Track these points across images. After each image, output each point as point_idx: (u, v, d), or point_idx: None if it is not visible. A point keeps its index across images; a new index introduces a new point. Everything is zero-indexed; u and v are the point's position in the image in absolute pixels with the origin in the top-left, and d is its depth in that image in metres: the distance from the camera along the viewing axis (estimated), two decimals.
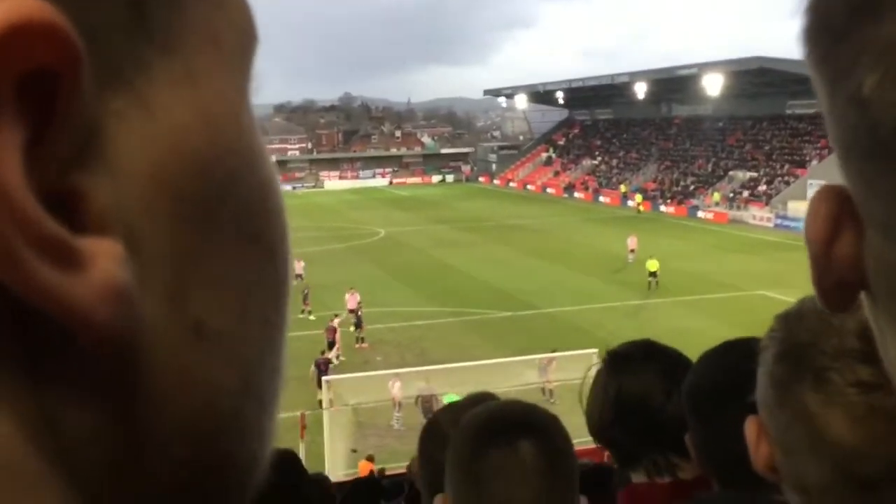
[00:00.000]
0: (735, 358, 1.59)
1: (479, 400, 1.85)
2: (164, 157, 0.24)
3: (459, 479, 1.27)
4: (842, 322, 0.79)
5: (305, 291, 27.33)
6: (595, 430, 1.73)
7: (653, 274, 29.30)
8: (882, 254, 0.31)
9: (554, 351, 19.43)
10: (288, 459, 2.20)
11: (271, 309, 0.29)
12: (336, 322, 22.80)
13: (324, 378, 18.41)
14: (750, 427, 0.87)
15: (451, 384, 17.40)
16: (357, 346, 23.40)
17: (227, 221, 0.26)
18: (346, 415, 16.80)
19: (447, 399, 16.69)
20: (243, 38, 0.28)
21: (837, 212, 0.33)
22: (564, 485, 1.27)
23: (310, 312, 26.50)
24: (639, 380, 1.70)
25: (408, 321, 26.13)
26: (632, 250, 35.20)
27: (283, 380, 0.31)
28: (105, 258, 0.22)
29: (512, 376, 18.94)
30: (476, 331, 25.02)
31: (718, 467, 1.36)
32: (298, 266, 30.57)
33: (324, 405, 17.56)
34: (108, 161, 0.23)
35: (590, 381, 1.83)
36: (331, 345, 22.02)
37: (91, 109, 0.22)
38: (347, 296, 24.94)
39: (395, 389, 17.26)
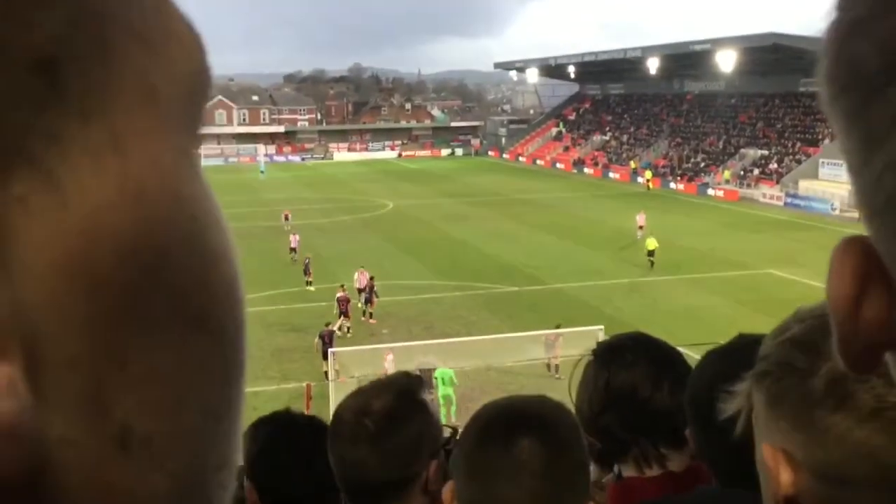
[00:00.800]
0: (738, 360, 1.59)
1: (389, 384, 1.76)
2: (79, 245, 0.21)
3: (462, 471, 1.28)
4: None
5: (307, 262, 27.44)
6: (584, 420, 1.73)
7: (651, 253, 29.21)
8: None
9: (558, 327, 19.47)
10: (317, 426, 2.24)
11: (216, 398, 0.26)
12: (344, 293, 22.92)
13: (329, 350, 18.52)
14: (768, 453, 0.80)
15: (458, 358, 17.48)
16: (363, 319, 23.46)
17: (159, 308, 0.23)
18: (351, 386, 16.87)
19: (437, 373, 16.82)
20: (190, 89, 0.25)
21: (866, 268, 0.30)
22: (566, 483, 1.27)
23: (310, 283, 26.66)
24: (628, 371, 1.71)
25: (415, 294, 26.19)
26: (640, 227, 35.11)
27: (232, 472, 0.28)
28: None
29: (517, 351, 19.01)
30: (483, 305, 25.07)
31: (719, 467, 1.37)
32: (294, 240, 30.56)
33: (329, 377, 17.68)
34: (5, 262, 0.20)
35: (578, 373, 1.83)
36: (342, 314, 22.15)
37: None
38: (357, 275, 24.83)
39: (388, 363, 17.27)
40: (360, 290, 24.30)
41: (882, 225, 0.28)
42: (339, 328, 21.46)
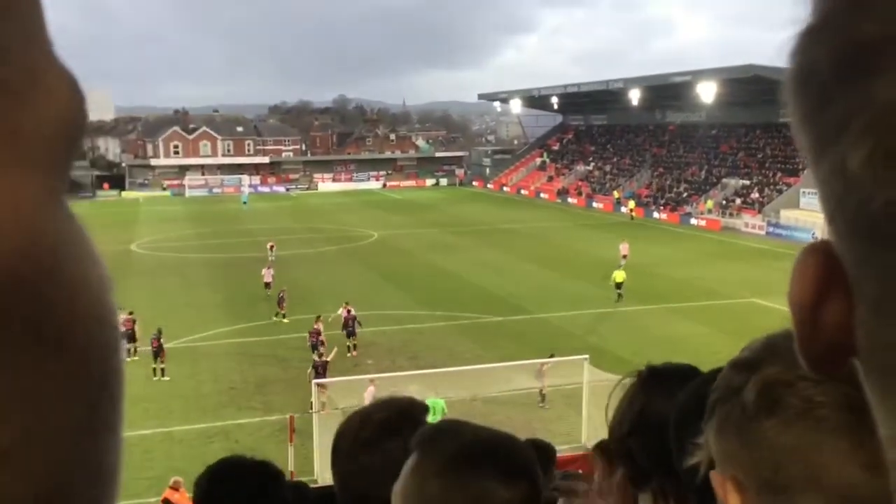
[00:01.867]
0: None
1: (395, 403, 1.77)
2: None
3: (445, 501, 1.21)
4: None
5: (281, 294, 27.19)
6: (613, 440, 1.71)
7: (618, 285, 29.04)
8: (872, 330, 0.29)
9: (552, 356, 19.49)
10: (266, 471, 2.20)
11: (83, 417, 0.27)
12: (319, 325, 22.61)
13: (314, 381, 18.37)
14: (717, 481, 0.81)
15: (442, 388, 17.38)
16: (349, 354, 23.13)
17: (17, 333, 0.24)
18: (335, 418, 16.73)
19: (429, 402, 16.67)
20: (57, 133, 0.26)
21: (826, 273, 0.31)
22: None
23: (283, 316, 26.46)
24: (666, 399, 1.68)
25: (400, 325, 26.11)
26: (624, 256, 35.23)
27: (109, 484, 0.28)
28: None
29: (502, 381, 18.93)
30: (468, 335, 25.00)
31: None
32: (268, 274, 29.95)
33: (314, 408, 17.52)
34: None
35: (617, 393, 1.81)
36: (313, 347, 21.85)
37: None
38: (341, 310, 24.21)
39: (368, 395, 16.93)
40: (344, 327, 23.85)
41: (835, 227, 0.29)
42: (321, 356, 21.21)
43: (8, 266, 0.24)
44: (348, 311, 23.95)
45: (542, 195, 72.65)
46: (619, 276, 29.33)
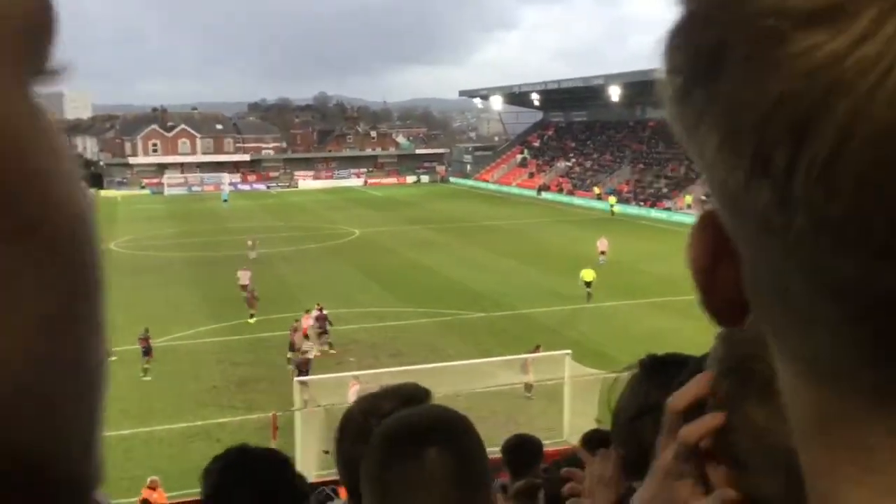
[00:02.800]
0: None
1: (398, 389, 1.83)
2: None
3: (370, 490, 1.29)
4: None
5: (253, 295, 26.85)
6: (618, 428, 1.72)
7: (588, 284, 28.62)
8: (756, 297, 0.33)
9: (538, 347, 19.62)
10: (274, 459, 2.21)
11: (57, 305, 0.28)
12: (298, 324, 22.55)
13: (296, 379, 18.30)
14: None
15: (426, 385, 17.36)
16: (331, 350, 22.94)
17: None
18: (318, 416, 16.69)
19: None
20: (25, 24, 0.27)
21: (715, 240, 0.35)
22: (474, 487, 1.29)
23: (252, 316, 26.19)
24: (671, 383, 1.68)
25: (382, 321, 26.07)
26: (602, 252, 35.27)
27: (92, 380, 0.30)
28: None
29: (486, 377, 18.95)
30: (450, 331, 25.01)
31: None
32: (244, 276, 29.04)
33: (297, 405, 17.46)
34: None
35: (619, 383, 1.81)
36: (291, 345, 21.72)
37: None
38: (307, 316, 23.61)
39: (352, 394, 16.86)
40: (316, 323, 23.51)
41: (714, 200, 0.33)
42: (307, 354, 21.16)
43: None
44: (320, 310, 23.73)
45: (523, 191, 72.78)
46: (587, 274, 28.88)
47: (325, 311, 23.75)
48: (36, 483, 0.28)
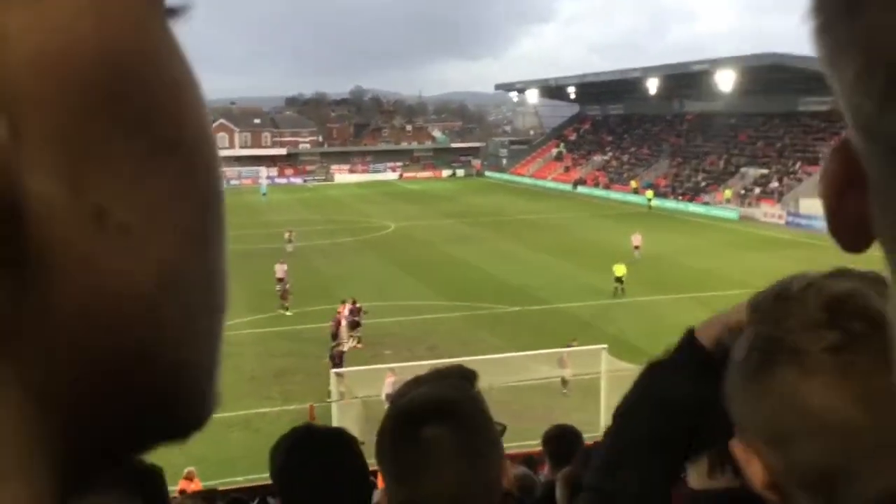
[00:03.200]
0: None
1: (445, 375, 1.82)
2: (51, 42, 0.24)
3: (385, 472, 1.33)
4: (801, 298, 0.82)
5: (286, 288, 27.10)
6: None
7: (619, 279, 28.31)
8: (884, 217, 0.34)
9: (574, 340, 19.58)
10: (340, 438, 2.28)
11: (194, 220, 0.29)
12: (340, 315, 22.82)
13: (333, 371, 18.47)
14: (737, 450, 0.85)
15: None
16: (355, 344, 22.87)
17: (132, 119, 0.26)
18: (355, 408, 16.83)
19: None
20: None
21: (846, 168, 0.36)
22: (480, 457, 1.32)
23: (286, 308, 26.44)
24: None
25: (417, 315, 26.16)
26: (636, 247, 34.96)
27: (220, 296, 0.32)
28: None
29: (521, 370, 18.94)
30: (485, 325, 25.02)
31: None
32: (280, 269, 29.06)
33: (333, 397, 17.62)
34: None
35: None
36: (333, 335, 22.02)
37: None
38: (341, 307, 23.74)
39: (388, 385, 16.83)
40: (345, 319, 23.36)
41: (850, 127, 0.34)
42: (340, 346, 21.38)
43: (123, 54, 0.26)
44: (353, 304, 23.75)
45: (559, 185, 72.42)
46: (619, 269, 28.56)
47: (358, 305, 23.87)
48: (169, 395, 0.29)
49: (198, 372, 0.30)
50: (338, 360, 19.62)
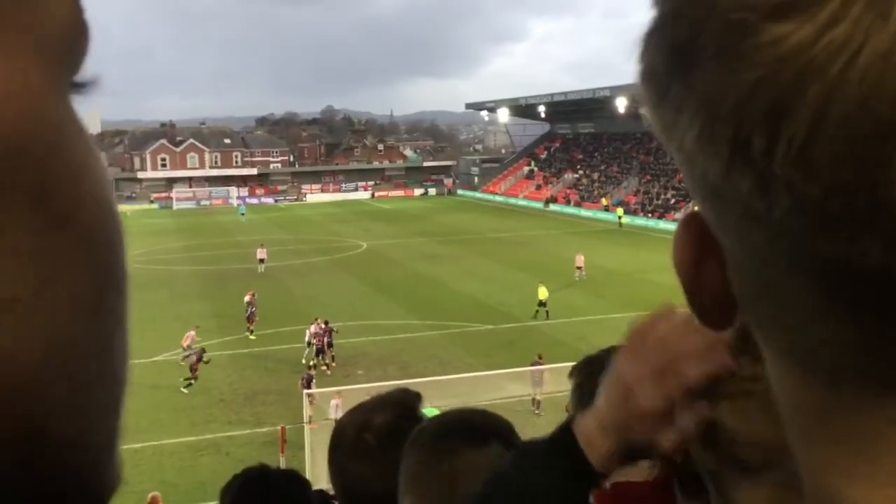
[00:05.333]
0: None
1: (392, 400, 1.83)
2: None
3: (413, 492, 1.30)
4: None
5: (252, 311, 26.77)
6: None
7: (542, 303, 27.90)
8: (744, 289, 0.33)
9: (539, 357, 19.53)
10: (293, 481, 2.23)
11: (89, 293, 0.29)
12: (316, 328, 22.74)
13: (305, 392, 18.31)
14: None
15: (433, 397, 17.35)
16: (324, 368, 22.46)
17: (26, 197, 0.26)
18: (327, 429, 16.68)
19: (427, 412, 16.65)
20: (64, 33, 0.29)
21: (699, 238, 0.35)
22: None
23: (251, 332, 26.10)
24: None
25: (390, 334, 26.07)
26: (578, 267, 34.69)
27: (119, 368, 0.31)
28: None
29: (494, 389, 18.92)
30: (458, 344, 24.99)
31: None
32: (249, 296, 28.05)
33: (306, 418, 17.46)
34: None
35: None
36: (319, 351, 21.99)
37: None
38: (312, 327, 23.48)
39: (332, 408, 16.68)
40: (314, 340, 23.09)
41: (695, 196, 0.33)
42: (313, 366, 21.29)
43: (14, 135, 0.26)
44: (322, 324, 23.31)
45: (530, 203, 72.78)
46: (542, 293, 28.05)
47: (330, 325, 23.49)
48: (58, 474, 0.28)
49: (92, 448, 0.29)
50: (309, 381, 19.45)
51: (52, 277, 0.27)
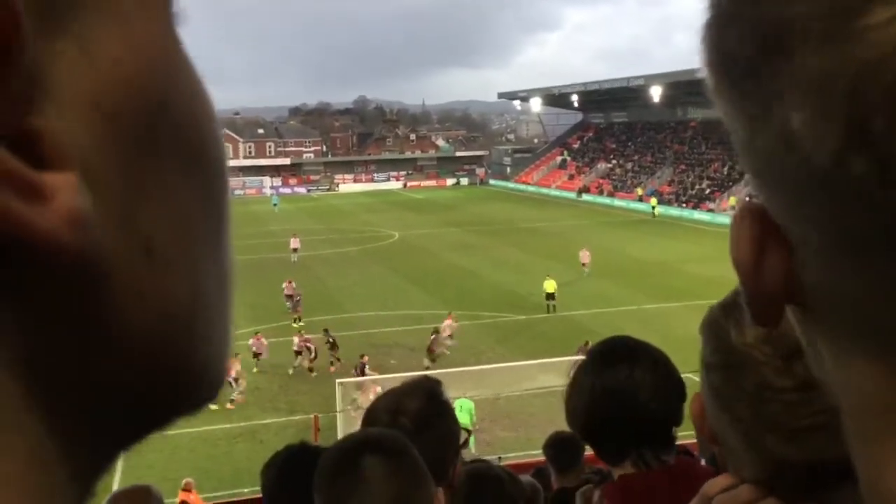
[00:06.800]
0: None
1: (417, 386, 1.90)
2: (104, 88, 0.26)
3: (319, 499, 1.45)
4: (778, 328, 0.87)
5: (297, 299, 26.96)
6: (581, 428, 1.72)
7: (550, 296, 27.48)
8: (823, 278, 0.33)
9: (586, 344, 19.48)
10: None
11: (213, 228, 0.32)
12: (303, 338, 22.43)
13: (337, 381, 18.45)
14: (695, 404, 0.99)
15: (467, 387, 17.40)
16: (331, 368, 21.61)
17: (166, 145, 0.28)
18: (359, 418, 16.81)
19: (458, 402, 16.68)
20: None
21: (761, 232, 0.35)
22: (412, 483, 1.42)
23: (297, 320, 26.19)
24: (625, 376, 1.69)
25: (422, 324, 26.13)
26: (584, 264, 34.25)
27: (229, 290, 0.34)
28: (65, 189, 0.24)
29: (527, 380, 18.92)
30: (490, 334, 24.99)
31: None
32: (289, 287, 28.36)
33: (339, 407, 17.61)
34: (56, 100, 0.25)
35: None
36: (297, 353, 21.88)
37: (36, 52, 0.24)
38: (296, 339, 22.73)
39: (372, 396, 16.73)
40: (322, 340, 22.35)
41: (768, 186, 0.33)
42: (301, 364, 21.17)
43: (159, 88, 0.28)
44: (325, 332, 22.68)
45: (563, 193, 72.41)
46: (549, 286, 27.60)
47: (329, 333, 22.61)
48: (196, 384, 0.32)
49: (218, 360, 0.33)
50: (359, 370, 19.48)
51: (191, 221, 0.30)
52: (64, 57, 0.25)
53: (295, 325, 26.08)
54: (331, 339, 22.14)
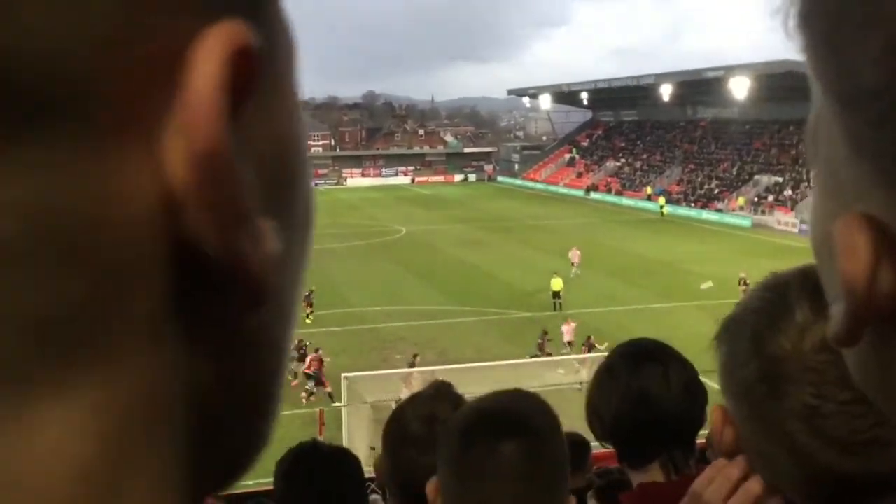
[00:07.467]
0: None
1: (441, 390, 1.86)
2: (272, 148, 0.29)
3: (449, 470, 1.31)
4: (819, 331, 0.84)
5: (308, 294, 26.86)
6: (608, 429, 1.70)
7: (556, 294, 27.40)
8: None
9: (588, 338, 19.52)
10: (343, 454, 2.32)
11: (301, 270, 0.34)
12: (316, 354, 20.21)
13: (343, 375, 18.44)
14: (716, 414, 0.96)
15: (471, 384, 17.40)
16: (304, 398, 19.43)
17: (294, 209, 0.31)
18: (364, 412, 16.83)
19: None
20: (293, 54, 0.32)
21: (877, 243, 0.31)
22: (546, 484, 1.30)
23: (308, 315, 25.97)
24: (659, 376, 1.68)
25: (427, 320, 26.14)
26: (573, 264, 34.15)
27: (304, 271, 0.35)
28: (269, 234, 0.26)
29: (532, 377, 18.89)
30: (496, 330, 24.97)
31: None
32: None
33: (343, 401, 17.61)
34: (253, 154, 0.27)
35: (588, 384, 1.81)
36: (309, 374, 19.88)
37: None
38: (310, 356, 20.17)
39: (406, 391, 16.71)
40: (310, 371, 20.02)
41: (875, 195, 0.30)
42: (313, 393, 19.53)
43: (290, 161, 0.30)
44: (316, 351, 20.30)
45: (571, 191, 72.29)
46: (556, 284, 27.51)
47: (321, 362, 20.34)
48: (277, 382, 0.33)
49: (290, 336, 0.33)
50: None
51: (295, 266, 0.32)
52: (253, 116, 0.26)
53: (308, 319, 25.96)
54: (302, 351, 19.87)
